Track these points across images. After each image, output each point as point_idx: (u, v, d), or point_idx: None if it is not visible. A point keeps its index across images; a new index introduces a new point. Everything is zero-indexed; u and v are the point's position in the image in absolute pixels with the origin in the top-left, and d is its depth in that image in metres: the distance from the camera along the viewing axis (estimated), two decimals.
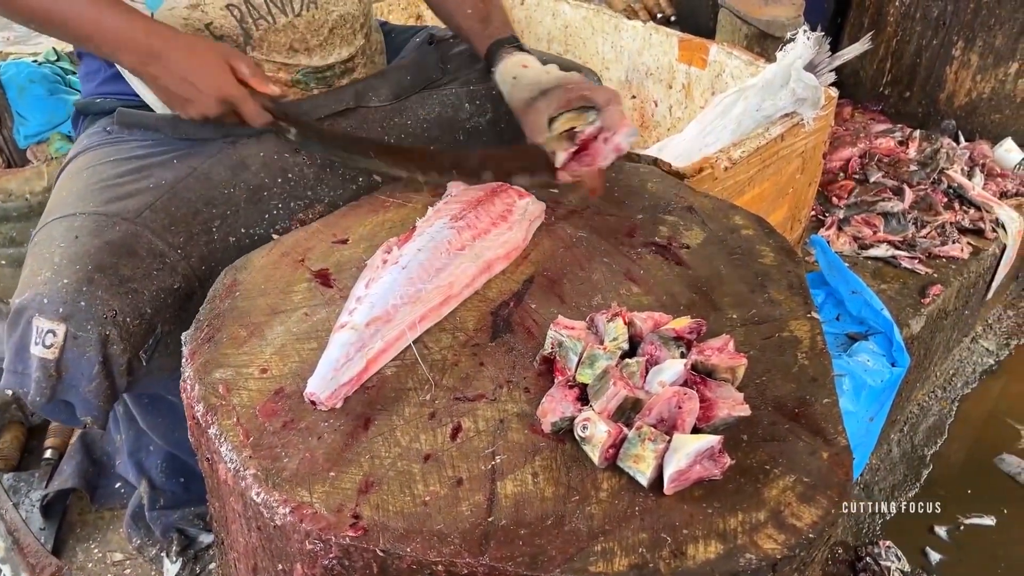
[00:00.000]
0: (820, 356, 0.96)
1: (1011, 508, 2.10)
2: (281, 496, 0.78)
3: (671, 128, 2.26)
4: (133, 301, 1.07)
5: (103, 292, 1.04)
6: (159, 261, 1.12)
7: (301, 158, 1.28)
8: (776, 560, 0.74)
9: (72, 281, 1.04)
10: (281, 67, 1.31)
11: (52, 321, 1.02)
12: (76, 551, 1.59)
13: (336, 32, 1.35)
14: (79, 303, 1.03)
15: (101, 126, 1.29)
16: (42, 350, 1.03)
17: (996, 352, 2.63)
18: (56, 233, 1.11)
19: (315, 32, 1.32)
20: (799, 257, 1.14)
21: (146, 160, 1.22)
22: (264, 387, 0.90)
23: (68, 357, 1.03)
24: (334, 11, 1.33)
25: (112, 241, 1.09)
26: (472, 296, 1.04)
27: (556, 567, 0.72)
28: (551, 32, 2.47)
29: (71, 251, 1.07)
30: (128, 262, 1.09)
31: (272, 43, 1.28)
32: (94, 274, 1.05)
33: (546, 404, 0.86)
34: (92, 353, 1.03)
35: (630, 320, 0.92)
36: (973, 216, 2.41)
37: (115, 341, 1.05)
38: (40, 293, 1.03)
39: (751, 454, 0.83)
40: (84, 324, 1.03)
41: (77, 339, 1.03)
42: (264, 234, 1.23)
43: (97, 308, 1.03)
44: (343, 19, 1.35)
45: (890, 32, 2.82)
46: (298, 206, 1.26)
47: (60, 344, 1.03)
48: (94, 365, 1.04)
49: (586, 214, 1.21)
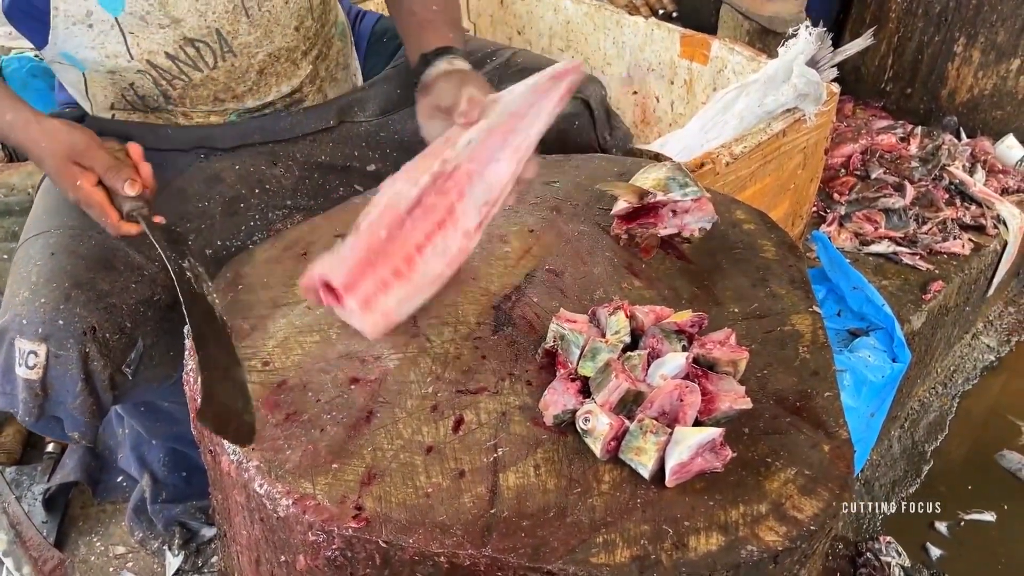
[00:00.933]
0: (821, 350, 0.96)
1: (1011, 504, 2.10)
2: (284, 488, 0.78)
3: (673, 124, 2.26)
4: (112, 316, 1.07)
5: (81, 308, 1.04)
6: (137, 274, 1.12)
7: (279, 169, 1.26)
8: (777, 552, 0.74)
9: (49, 300, 1.03)
10: (212, 112, 1.27)
11: (32, 342, 1.02)
12: (78, 544, 1.59)
13: (268, 72, 1.27)
14: (57, 322, 1.02)
15: None
16: (26, 371, 1.03)
17: (997, 349, 2.63)
18: (33, 251, 1.11)
19: (239, 79, 1.25)
20: (800, 252, 1.15)
21: None
22: (267, 380, 0.90)
23: (52, 376, 1.03)
24: (259, 52, 1.24)
25: (88, 256, 1.09)
26: (474, 289, 1.04)
27: (558, 559, 0.72)
28: (552, 28, 2.46)
29: (47, 269, 1.07)
30: (105, 276, 1.08)
31: (194, 98, 1.25)
32: (71, 291, 1.05)
33: (548, 397, 0.86)
34: (74, 371, 1.03)
35: (632, 313, 0.93)
36: (974, 212, 2.40)
37: (95, 357, 1.04)
38: (19, 314, 1.03)
39: (752, 447, 0.84)
40: (63, 342, 1.02)
41: (59, 358, 1.03)
42: (241, 245, 1.22)
43: (75, 325, 1.03)
44: (273, 57, 1.27)
45: (892, 28, 2.82)
46: (276, 216, 1.25)
47: (43, 364, 1.03)
48: (77, 382, 1.04)
49: (588, 208, 1.21)
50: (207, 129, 1.27)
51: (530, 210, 1.20)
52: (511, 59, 1.45)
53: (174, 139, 1.22)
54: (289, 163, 1.30)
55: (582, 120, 1.41)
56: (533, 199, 1.23)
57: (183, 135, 1.26)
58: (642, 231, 1.12)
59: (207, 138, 1.27)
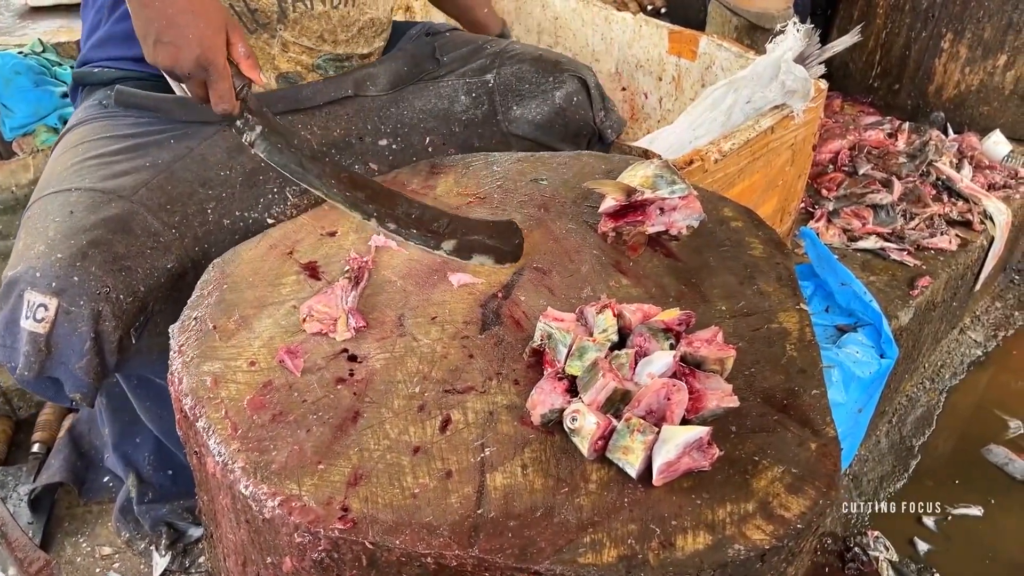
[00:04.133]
0: (809, 347, 0.96)
1: (998, 498, 2.12)
2: (270, 489, 0.78)
3: (661, 120, 2.26)
4: (126, 279, 1.06)
5: (97, 268, 1.03)
6: (153, 240, 1.11)
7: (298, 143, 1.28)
8: (764, 551, 0.74)
9: (66, 256, 1.02)
10: (306, 51, 1.34)
11: (44, 295, 1.01)
12: (64, 545, 1.58)
13: (363, 32, 1.40)
14: (72, 278, 1.02)
15: (97, 99, 1.29)
16: (33, 324, 1.01)
17: (984, 343, 2.65)
18: (51, 207, 1.10)
19: (346, 28, 1.36)
20: (788, 249, 1.15)
21: (142, 138, 1.21)
22: (252, 380, 0.90)
23: (59, 332, 1.02)
24: (367, 13, 1.38)
25: (108, 218, 1.08)
26: (461, 288, 1.04)
27: (545, 559, 0.72)
28: (541, 24, 2.46)
29: (66, 226, 1.06)
30: (123, 239, 1.08)
31: (304, 27, 1.31)
32: (88, 249, 1.04)
33: (535, 396, 0.85)
34: (84, 329, 1.02)
35: (619, 312, 0.92)
36: (961, 208, 2.42)
37: (107, 318, 1.03)
38: (33, 266, 1.02)
39: (740, 445, 0.84)
40: (77, 299, 1.02)
41: (69, 314, 1.02)
42: (259, 218, 1.23)
43: (90, 284, 1.02)
44: (372, 22, 1.40)
45: (879, 24, 2.82)
46: (293, 191, 1.26)
47: (52, 319, 1.01)
48: (86, 341, 1.03)
49: (576, 206, 1.21)
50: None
51: (517, 208, 1.20)
52: (507, 47, 1.50)
53: (203, 111, 1.23)
54: (307, 136, 1.32)
55: (580, 98, 1.46)
56: (520, 197, 1.23)
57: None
58: (630, 229, 1.12)
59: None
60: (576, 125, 1.47)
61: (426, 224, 1.14)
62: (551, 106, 1.44)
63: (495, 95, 1.43)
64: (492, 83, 1.44)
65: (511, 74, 1.45)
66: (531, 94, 1.45)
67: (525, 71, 1.45)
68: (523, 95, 1.44)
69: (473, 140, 1.44)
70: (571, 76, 1.46)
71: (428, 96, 1.42)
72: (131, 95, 1.26)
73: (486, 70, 1.45)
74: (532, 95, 1.45)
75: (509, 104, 1.44)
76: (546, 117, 1.45)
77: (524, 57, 1.47)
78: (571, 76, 1.46)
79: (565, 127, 1.46)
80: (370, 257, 1.07)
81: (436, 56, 1.48)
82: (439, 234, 1.12)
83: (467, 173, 1.29)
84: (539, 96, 1.45)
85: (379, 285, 1.05)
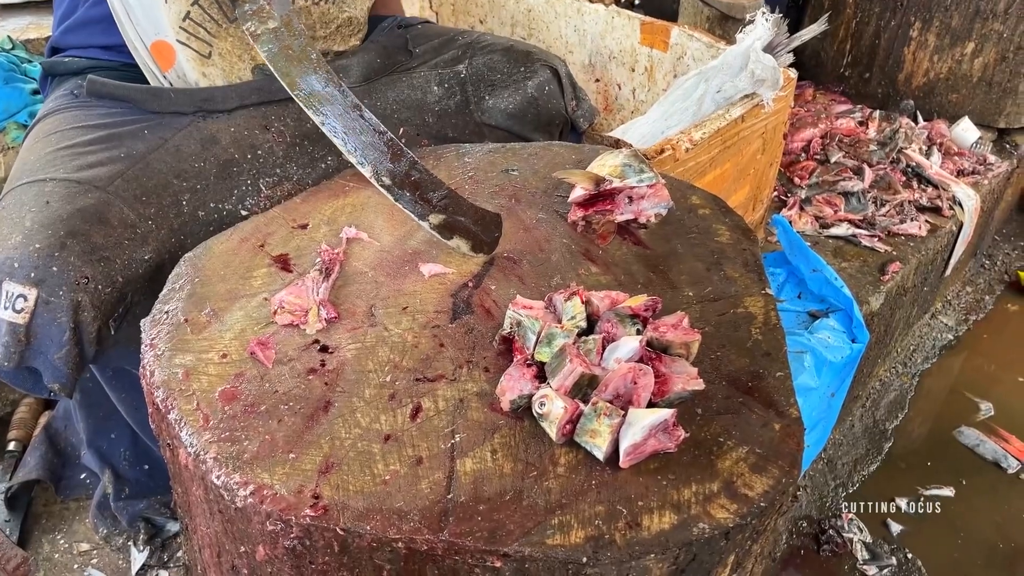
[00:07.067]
0: (773, 331, 0.98)
1: (969, 479, 2.16)
2: (241, 478, 0.78)
3: (635, 111, 2.27)
4: (105, 269, 1.07)
5: (75, 258, 1.03)
6: (130, 231, 1.11)
7: (271, 135, 1.28)
8: (728, 529, 0.75)
9: (44, 246, 1.02)
10: None
11: (23, 286, 1.01)
12: (42, 542, 1.58)
13: (341, 30, 1.43)
14: (51, 268, 1.02)
15: (68, 88, 1.29)
16: (12, 314, 1.01)
17: (955, 328, 2.69)
18: (26, 198, 1.09)
19: (325, 24, 1.40)
20: (754, 235, 1.16)
21: (115, 128, 1.21)
22: (224, 372, 0.90)
23: (38, 322, 1.02)
24: (346, 12, 1.42)
25: (84, 208, 1.08)
26: (432, 278, 1.05)
27: (514, 541, 0.73)
28: (514, 16, 2.46)
29: (42, 216, 1.06)
30: (100, 230, 1.08)
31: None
32: (67, 240, 1.04)
33: (505, 382, 0.87)
34: (64, 319, 1.03)
35: (587, 299, 0.94)
36: (931, 194, 2.45)
37: (87, 308, 1.04)
38: (11, 257, 1.02)
39: (705, 427, 0.85)
40: (56, 289, 1.02)
41: (49, 304, 1.02)
42: (233, 209, 1.24)
43: (69, 274, 1.02)
44: (350, 20, 1.44)
45: (849, 14, 2.85)
46: (267, 183, 1.27)
47: (31, 309, 1.01)
48: (65, 331, 1.03)
49: (546, 196, 1.22)
50: (208, 91, 1.28)
51: (488, 198, 1.21)
52: (479, 38, 1.52)
53: (176, 101, 1.23)
54: (281, 128, 1.32)
55: (552, 87, 1.48)
56: (492, 188, 1.23)
57: (184, 97, 1.27)
58: (599, 217, 1.13)
59: (208, 100, 1.28)
60: (548, 114, 1.48)
61: (422, 190, 1.09)
62: (523, 96, 1.46)
63: (468, 86, 1.44)
64: (464, 74, 1.45)
65: (483, 64, 1.46)
66: (503, 84, 1.46)
67: (497, 61, 1.46)
68: (495, 85, 1.46)
69: (447, 130, 1.45)
70: (543, 66, 1.47)
71: (401, 87, 1.43)
72: (103, 85, 1.25)
73: (458, 61, 1.46)
74: (504, 85, 1.46)
75: (482, 94, 1.45)
76: (518, 107, 1.46)
77: (496, 48, 1.48)
78: (543, 66, 1.47)
79: (537, 117, 1.48)
80: (341, 249, 1.08)
81: (408, 48, 1.49)
82: (431, 204, 1.08)
83: (439, 164, 1.30)
84: (511, 86, 1.46)
85: (350, 276, 1.05)
